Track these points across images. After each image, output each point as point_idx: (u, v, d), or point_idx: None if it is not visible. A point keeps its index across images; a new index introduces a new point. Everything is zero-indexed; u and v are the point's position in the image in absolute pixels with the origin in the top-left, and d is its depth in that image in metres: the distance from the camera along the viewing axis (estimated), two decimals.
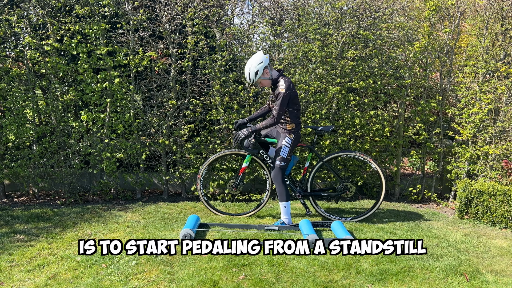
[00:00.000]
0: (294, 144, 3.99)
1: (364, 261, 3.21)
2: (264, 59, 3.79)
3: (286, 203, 4.02)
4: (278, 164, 3.98)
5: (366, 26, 5.19)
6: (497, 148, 4.90)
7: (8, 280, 2.83)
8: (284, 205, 4.02)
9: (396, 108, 5.68)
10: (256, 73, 3.80)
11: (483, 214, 4.51)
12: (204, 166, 4.34)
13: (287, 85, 3.76)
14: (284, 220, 4.03)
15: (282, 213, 4.04)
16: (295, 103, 3.89)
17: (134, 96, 5.01)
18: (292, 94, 3.79)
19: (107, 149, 4.87)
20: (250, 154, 4.21)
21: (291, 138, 3.96)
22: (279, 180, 3.99)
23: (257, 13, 5.21)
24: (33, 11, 4.73)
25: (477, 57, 5.17)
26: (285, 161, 3.97)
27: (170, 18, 4.90)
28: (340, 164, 5.32)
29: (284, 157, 3.96)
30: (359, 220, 4.31)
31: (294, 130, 3.97)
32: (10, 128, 4.69)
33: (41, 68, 4.75)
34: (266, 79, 3.87)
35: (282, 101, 3.75)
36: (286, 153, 3.96)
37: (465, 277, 3.03)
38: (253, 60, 3.81)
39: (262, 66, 3.79)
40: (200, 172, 4.36)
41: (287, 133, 3.97)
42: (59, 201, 4.93)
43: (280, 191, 4.00)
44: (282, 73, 3.88)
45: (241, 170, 4.29)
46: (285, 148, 3.96)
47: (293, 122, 3.95)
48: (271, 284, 2.82)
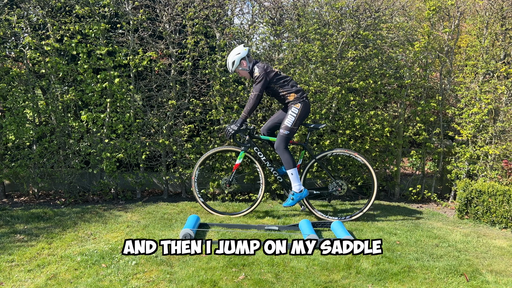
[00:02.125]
0: (302, 113, 3.99)
1: (364, 261, 3.21)
2: (242, 50, 4.02)
3: (293, 169, 4.00)
4: (282, 132, 3.97)
5: (366, 26, 5.19)
6: (497, 148, 4.90)
7: (8, 280, 2.83)
8: (291, 172, 4.02)
9: (396, 108, 5.68)
10: (233, 63, 4.05)
11: (483, 214, 4.51)
12: (196, 167, 4.35)
13: (261, 69, 3.94)
14: (294, 189, 4.03)
15: (292, 180, 4.03)
16: (281, 77, 4.03)
17: (134, 96, 5.01)
18: (269, 73, 3.95)
19: (107, 149, 4.87)
20: (243, 151, 4.22)
21: (298, 107, 3.97)
22: (281, 148, 3.98)
23: (257, 13, 5.21)
24: (33, 11, 4.73)
25: (477, 57, 5.17)
26: (289, 131, 3.97)
27: (170, 18, 4.90)
28: (340, 164, 5.32)
29: (289, 126, 3.96)
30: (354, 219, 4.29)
31: (298, 98, 3.99)
32: (10, 128, 4.69)
33: (41, 68, 4.75)
34: (244, 70, 4.07)
35: (258, 83, 3.93)
36: (292, 122, 3.96)
37: (465, 277, 3.04)
38: (232, 51, 4.08)
39: (239, 57, 4.01)
40: (193, 173, 4.37)
41: (293, 103, 4.00)
42: (59, 201, 4.93)
43: (285, 159, 3.98)
44: (256, 61, 4.06)
45: (234, 167, 4.30)
46: (291, 117, 3.97)
47: (291, 91, 3.99)
48: (271, 284, 2.82)
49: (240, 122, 4.03)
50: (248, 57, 4.06)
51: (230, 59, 4.06)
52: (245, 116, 4.00)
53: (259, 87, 3.92)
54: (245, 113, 3.99)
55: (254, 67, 4.00)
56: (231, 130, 4.03)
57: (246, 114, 3.99)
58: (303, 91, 4.11)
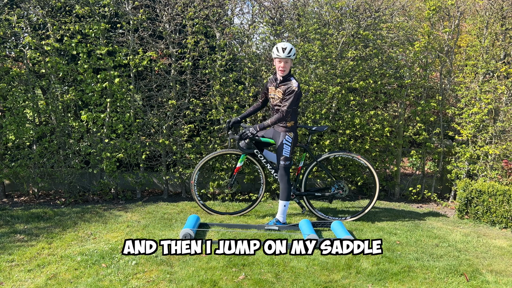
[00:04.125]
0: (294, 142, 4.02)
1: (364, 261, 3.21)
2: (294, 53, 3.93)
3: (287, 202, 4.05)
4: (283, 164, 4.01)
5: (366, 26, 5.19)
6: (497, 148, 4.90)
7: (8, 280, 2.83)
8: (284, 204, 4.05)
9: (396, 108, 5.68)
10: (294, 53, 3.85)
11: (483, 214, 4.51)
12: (195, 171, 4.32)
13: (298, 86, 3.87)
14: (279, 218, 4.03)
15: (279, 211, 4.05)
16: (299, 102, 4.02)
17: (134, 96, 5.01)
18: (300, 94, 3.92)
19: (107, 149, 4.87)
20: (245, 154, 4.21)
21: (291, 136, 3.99)
22: (285, 180, 4.03)
23: (257, 13, 5.21)
24: (33, 11, 4.73)
25: (477, 57, 5.17)
26: (288, 160, 4.00)
27: (170, 18, 4.90)
28: (340, 164, 5.32)
29: (287, 156, 3.99)
30: (354, 219, 4.31)
31: (293, 127, 4.01)
32: (10, 128, 4.68)
33: (41, 68, 4.75)
34: (288, 65, 3.88)
35: (293, 98, 3.83)
36: (288, 151, 3.99)
37: (465, 277, 3.04)
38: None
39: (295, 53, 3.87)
40: (192, 177, 4.33)
41: (286, 131, 3.99)
42: (59, 201, 4.93)
43: (283, 188, 4.04)
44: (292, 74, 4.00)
45: (235, 169, 4.30)
46: (286, 146, 3.99)
47: (293, 120, 3.99)
48: (271, 284, 2.82)
49: (262, 129, 3.97)
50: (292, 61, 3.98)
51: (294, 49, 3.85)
52: (268, 125, 3.94)
53: (293, 105, 3.84)
54: (269, 123, 3.91)
55: (291, 77, 3.89)
56: (249, 133, 3.97)
57: (271, 124, 3.93)
58: (297, 123, 4.17)
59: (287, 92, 3.85)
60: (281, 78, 3.90)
